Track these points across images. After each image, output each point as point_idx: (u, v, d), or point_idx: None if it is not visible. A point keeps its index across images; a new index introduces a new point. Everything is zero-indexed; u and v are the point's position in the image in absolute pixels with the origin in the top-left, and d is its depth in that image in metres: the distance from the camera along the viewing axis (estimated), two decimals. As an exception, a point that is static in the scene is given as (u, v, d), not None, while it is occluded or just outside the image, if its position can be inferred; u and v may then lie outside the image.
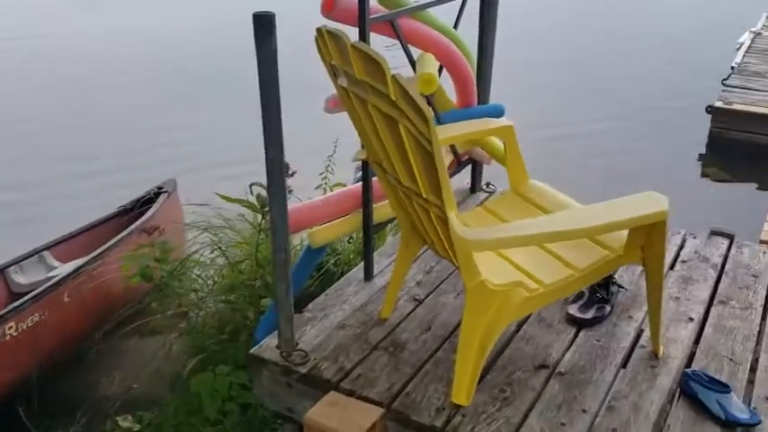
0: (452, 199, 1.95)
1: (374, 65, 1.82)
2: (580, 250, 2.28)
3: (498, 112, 3.46)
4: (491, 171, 3.74)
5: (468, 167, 3.69)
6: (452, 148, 3.38)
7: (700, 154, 6.93)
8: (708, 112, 6.96)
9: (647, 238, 2.23)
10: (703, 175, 6.58)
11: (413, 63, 2.88)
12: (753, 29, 9.43)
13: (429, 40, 2.93)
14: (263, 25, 1.93)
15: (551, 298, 2.21)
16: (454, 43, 3.09)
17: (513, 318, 2.29)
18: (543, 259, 2.29)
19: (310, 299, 2.81)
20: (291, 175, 2.75)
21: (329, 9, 2.56)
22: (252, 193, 2.88)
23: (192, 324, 3.20)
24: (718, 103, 6.90)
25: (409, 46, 2.87)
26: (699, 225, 4.88)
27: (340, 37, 1.92)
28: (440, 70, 3.14)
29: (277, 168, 2.09)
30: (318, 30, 2.04)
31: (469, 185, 3.79)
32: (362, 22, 2.47)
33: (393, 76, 1.77)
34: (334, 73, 2.14)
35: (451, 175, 3.64)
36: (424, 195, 2.05)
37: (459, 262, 2.04)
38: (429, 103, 3.12)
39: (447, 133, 2.67)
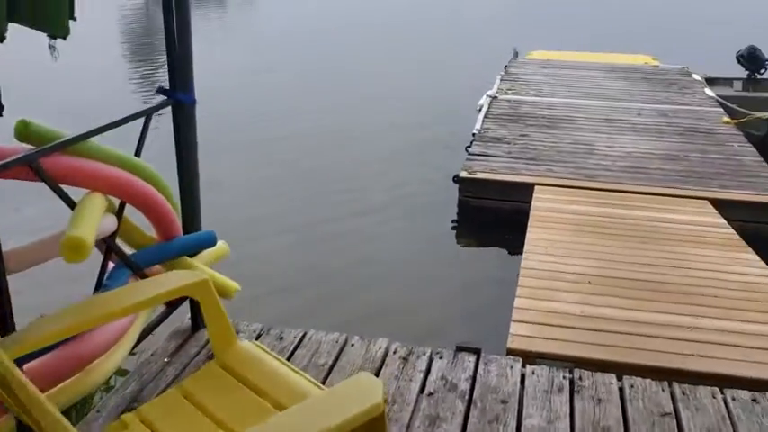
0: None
1: None
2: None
3: (207, 242, 2.94)
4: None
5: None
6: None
7: (452, 222, 6.95)
8: (455, 181, 7.02)
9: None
10: (457, 244, 6.61)
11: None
12: (489, 92, 9.90)
13: (97, 177, 2.33)
14: None
15: None
16: (137, 173, 2.52)
17: None
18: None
19: None
20: None
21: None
22: None
23: None
24: (463, 173, 6.97)
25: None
26: (453, 304, 4.64)
27: None
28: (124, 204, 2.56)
29: None
30: None
31: (191, 324, 3.21)
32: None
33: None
34: None
35: (167, 315, 3.06)
36: None
37: None
38: (110, 249, 2.51)
39: (121, 303, 2.06)
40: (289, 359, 3.01)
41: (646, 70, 11.61)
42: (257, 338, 3.19)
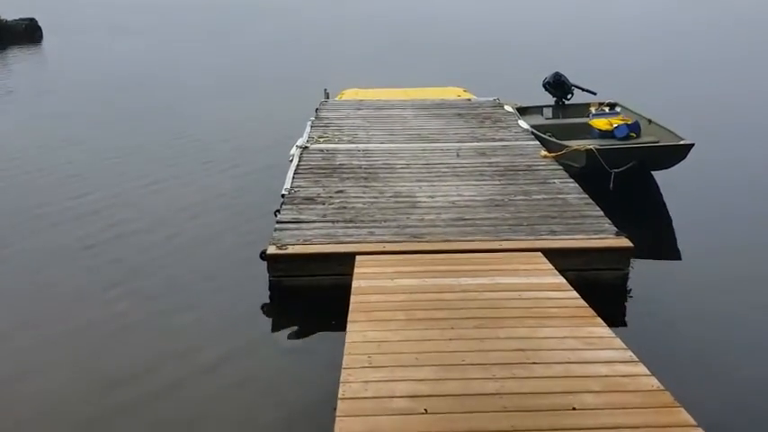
0: None
1: None
2: None
3: None
4: None
5: None
6: None
7: (263, 310, 5.74)
8: (262, 258, 5.82)
9: None
10: (271, 342, 5.40)
11: None
12: (299, 142, 8.79)
13: None
14: None
15: None
16: None
17: None
18: None
19: None
20: None
21: None
22: None
23: None
24: (271, 248, 5.79)
25: None
26: None
27: None
28: None
29: None
30: None
31: None
32: None
33: None
34: None
35: None
36: None
37: None
38: None
39: None
40: None
41: (459, 105, 11.08)
42: None
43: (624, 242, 5.87)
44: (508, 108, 10.62)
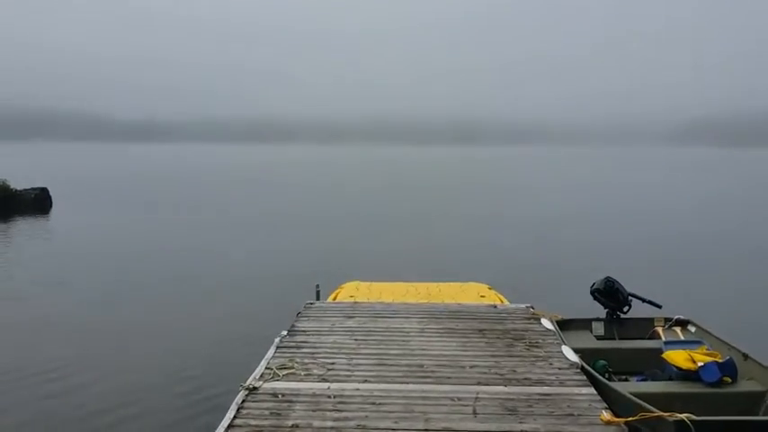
0: None
1: None
2: None
3: None
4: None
5: None
6: None
7: None
8: None
9: None
10: None
11: None
12: (248, 380, 5.86)
13: None
14: None
15: None
16: None
17: None
18: None
19: None
20: None
21: None
22: None
23: None
24: None
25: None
26: None
27: None
28: None
29: None
30: None
31: None
32: None
33: None
34: None
35: None
36: None
37: None
38: None
39: None
40: None
41: (481, 314, 8.13)
42: None
43: None
44: (545, 322, 7.67)
